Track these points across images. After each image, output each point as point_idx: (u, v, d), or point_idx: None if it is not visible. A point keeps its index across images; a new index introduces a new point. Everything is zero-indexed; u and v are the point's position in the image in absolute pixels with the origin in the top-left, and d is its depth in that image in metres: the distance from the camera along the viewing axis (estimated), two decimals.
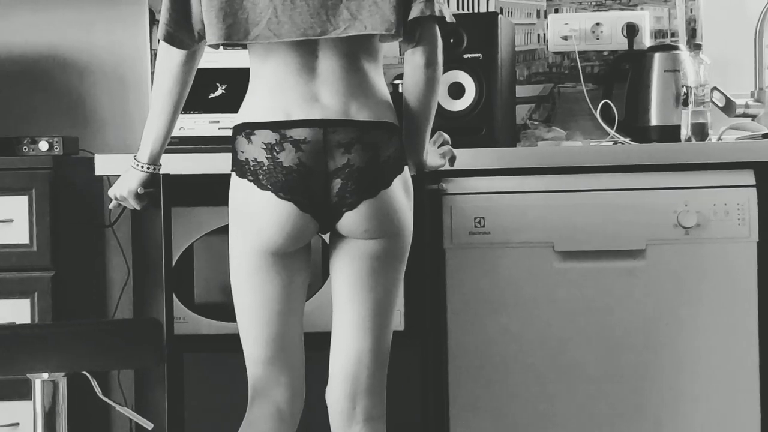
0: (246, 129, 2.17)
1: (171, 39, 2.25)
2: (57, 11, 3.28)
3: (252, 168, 2.14)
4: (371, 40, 2.20)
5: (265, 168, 2.13)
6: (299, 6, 2.14)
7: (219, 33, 2.18)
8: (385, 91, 2.22)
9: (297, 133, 2.12)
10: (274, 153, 2.13)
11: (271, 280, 2.19)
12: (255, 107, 2.19)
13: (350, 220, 2.15)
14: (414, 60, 2.22)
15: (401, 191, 2.19)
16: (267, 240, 2.15)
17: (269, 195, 2.13)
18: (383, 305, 2.20)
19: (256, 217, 2.15)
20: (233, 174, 2.19)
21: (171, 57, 2.30)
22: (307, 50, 2.17)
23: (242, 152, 2.16)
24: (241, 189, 2.17)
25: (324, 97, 2.16)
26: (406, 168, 2.21)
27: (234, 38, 2.18)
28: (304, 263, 2.24)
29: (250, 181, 2.15)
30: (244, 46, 2.22)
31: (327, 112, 2.14)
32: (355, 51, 2.18)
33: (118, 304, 3.21)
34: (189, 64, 2.32)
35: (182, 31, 2.25)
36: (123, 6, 3.29)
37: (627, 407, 2.67)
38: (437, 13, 2.20)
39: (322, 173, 2.13)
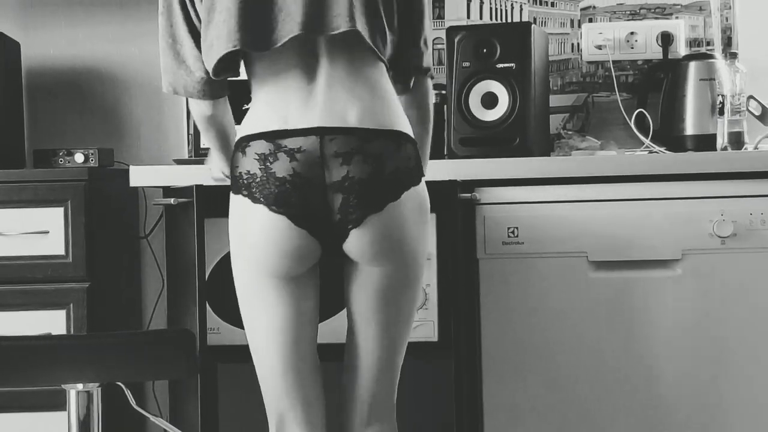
0: (242, 143, 2.04)
1: (175, 90, 2.14)
2: (93, 25, 3.30)
3: (246, 181, 2.01)
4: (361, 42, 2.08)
5: (258, 180, 2.00)
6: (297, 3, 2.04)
7: (238, 42, 2.04)
8: (394, 98, 2.10)
9: (292, 142, 1.99)
10: (268, 163, 2.00)
11: (275, 307, 2.06)
12: (252, 119, 2.07)
13: (357, 240, 2.01)
14: (406, 103, 2.16)
15: (414, 206, 2.04)
16: (264, 260, 2.02)
17: (261, 208, 2.00)
18: (395, 336, 2.11)
19: (250, 236, 2.02)
20: (231, 193, 2.08)
21: (198, 107, 2.18)
22: (307, 53, 2.04)
23: (236, 167, 2.04)
24: (236, 206, 2.05)
25: (324, 102, 2.02)
26: (423, 182, 2.08)
27: (258, 46, 2.05)
28: (312, 289, 2.10)
29: (245, 195, 2.02)
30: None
31: (325, 118, 2.00)
32: (359, 55, 2.06)
33: (152, 315, 3.23)
34: (217, 110, 2.18)
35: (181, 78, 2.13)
36: (157, 19, 3.30)
37: (663, 417, 2.64)
38: (426, 66, 2.17)
39: (320, 186, 1.99)
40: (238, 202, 2.05)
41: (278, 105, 2.03)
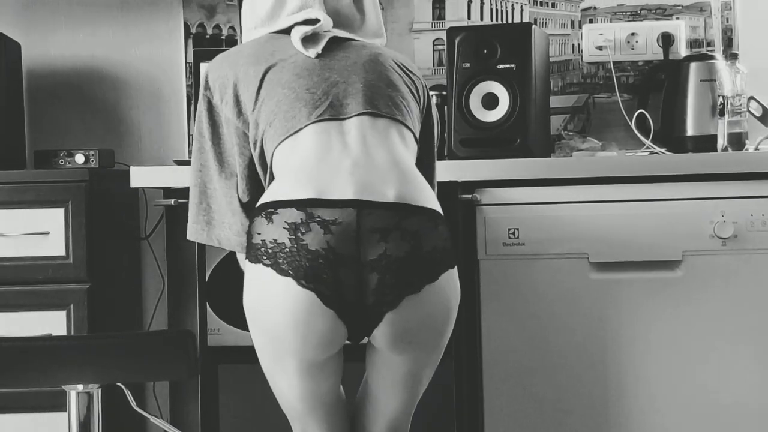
0: (267, 209, 1.88)
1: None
2: (93, 26, 3.30)
3: (270, 250, 1.85)
4: (404, 130, 2.05)
5: (287, 250, 1.84)
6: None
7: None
8: (422, 177, 2.00)
9: (327, 213, 1.83)
10: (299, 234, 1.83)
11: (298, 385, 1.97)
12: (278, 188, 1.92)
13: (390, 326, 1.88)
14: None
15: (450, 288, 1.93)
16: (287, 342, 1.88)
17: (289, 282, 1.84)
18: (417, 393, 2.08)
19: (272, 312, 1.88)
20: (246, 262, 1.92)
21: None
22: (339, 131, 1.99)
23: (258, 234, 1.88)
24: (255, 277, 1.90)
25: (360, 175, 1.89)
26: (455, 267, 1.96)
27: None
28: (336, 371, 2.00)
29: (267, 265, 1.86)
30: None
31: (362, 191, 1.87)
32: (388, 129, 2.01)
33: (153, 315, 3.23)
34: None
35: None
36: (159, 21, 3.31)
37: (664, 418, 2.64)
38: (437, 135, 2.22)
39: (355, 263, 1.84)
40: (257, 273, 1.89)
41: (310, 175, 1.91)
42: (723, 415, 2.63)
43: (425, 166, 2.17)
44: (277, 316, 1.87)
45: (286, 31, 2.14)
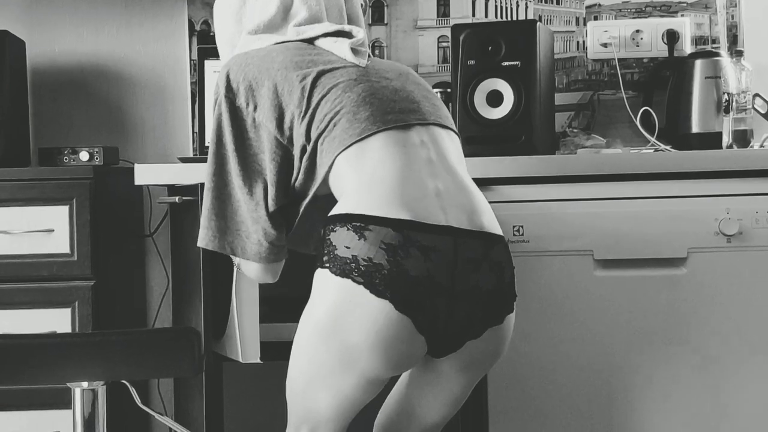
0: (354, 221, 1.81)
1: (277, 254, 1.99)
2: (98, 24, 3.31)
3: (363, 269, 1.79)
4: (458, 145, 2.05)
5: (385, 272, 1.78)
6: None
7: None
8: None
9: (426, 239, 1.79)
10: (398, 258, 1.78)
11: (346, 397, 1.91)
12: (363, 201, 1.84)
13: (469, 354, 1.89)
14: None
15: (514, 318, 1.95)
16: (360, 365, 1.84)
17: (386, 305, 1.79)
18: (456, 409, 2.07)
19: (354, 329, 1.82)
20: (325, 271, 1.85)
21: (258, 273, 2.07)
22: (411, 142, 1.94)
23: (347, 248, 1.80)
24: (341, 291, 1.82)
25: (447, 197, 1.87)
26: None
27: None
28: (385, 383, 1.96)
29: (359, 283, 1.79)
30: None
31: (456, 217, 1.84)
32: (452, 141, 2.01)
33: (157, 313, 3.23)
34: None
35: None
36: (163, 18, 3.31)
37: (668, 415, 2.64)
38: None
39: (447, 292, 1.81)
40: (343, 286, 1.82)
41: (398, 193, 1.85)
42: (729, 412, 2.63)
43: None
44: (362, 334, 1.82)
45: (309, 41, 2.09)
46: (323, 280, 1.85)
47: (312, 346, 1.89)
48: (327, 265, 1.84)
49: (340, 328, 1.84)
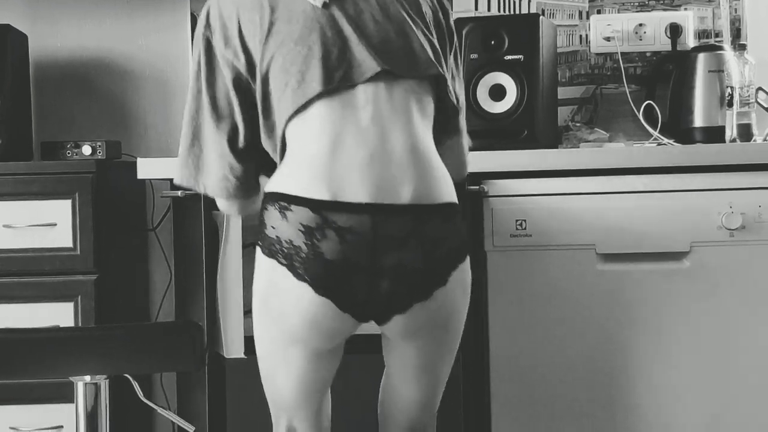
0: (280, 200, 1.85)
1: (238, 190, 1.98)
2: (100, 17, 3.30)
3: (285, 251, 1.84)
4: (423, 96, 1.96)
5: (303, 256, 1.82)
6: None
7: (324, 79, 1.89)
8: (439, 159, 1.93)
9: (341, 220, 1.80)
10: (315, 240, 1.81)
11: (298, 370, 1.97)
12: (292, 175, 1.87)
13: (397, 324, 1.90)
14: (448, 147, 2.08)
15: (459, 288, 1.92)
16: (296, 333, 1.90)
17: (305, 288, 1.84)
18: (435, 384, 2.06)
19: (285, 307, 1.88)
20: (259, 249, 1.91)
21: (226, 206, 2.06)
22: (352, 105, 1.90)
23: (273, 227, 1.86)
24: (269, 271, 1.89)
25: (376, 171, 1.84)
26: (467, 259, 1.93)
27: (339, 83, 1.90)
28: (338, 356, 2.01)
29: (282, 264, 1.85)
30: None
31: (377, 192, 1.82)
32: (406, 100, 1.92)
33: (160, 307, 3.23)
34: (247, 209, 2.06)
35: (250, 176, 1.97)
36: (165, 11, 3.30)
37: (671, 409, 2.64)
38: (462, 126, 2.09)
39: (368, 270, 1.83)
40: (270, 267, 1.88)
41: (324, 170, 1.85)
42: (732, 404, 2.63)
43: (451, 128, 2.06)
44: (292, 314, 1.88)
45: None
46: (257, 258, 1.91)
47: (259, 324, 1.98)
48: (259, 243, 1.89)
49: (273, 307, 1.90)
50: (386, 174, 1.85)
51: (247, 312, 2.64)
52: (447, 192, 1.91)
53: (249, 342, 2.46)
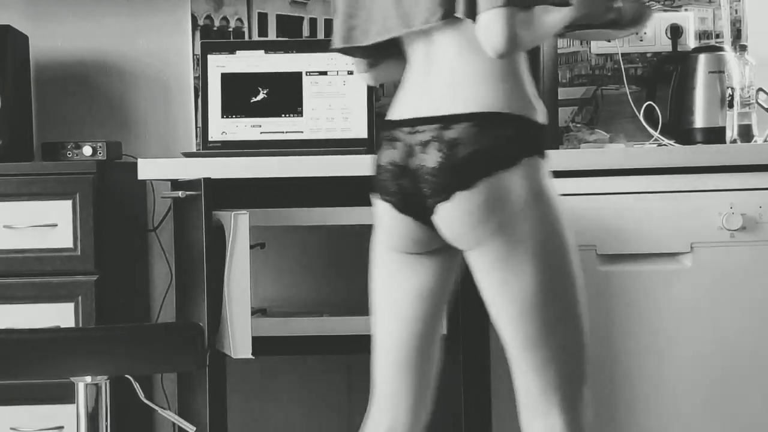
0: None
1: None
2: (101, 18, 3.30)
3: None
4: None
5: (375, 169, 2.08)
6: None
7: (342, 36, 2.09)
8: (501, 77, 1.98)
9: (391, 134, 2.03)
10: (377, 152, 2.07)
11: (397, 280, 2.07)
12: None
13: (441, 221, 1.98)
14: None
15: (495, 195, 1.93)
16: (383, 237, 2.07)
17: (376, 197, 2.07)
18: (529, 329, 1.96)
19: (376, 216, 2.09)
20: None
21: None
22: (424, 43, 2.02)
23: None
24: None
25: (426, 92, 2.01)
26: (515, 168, 1.94)
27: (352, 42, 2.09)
28: (434, 270, 2.07)
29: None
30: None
31: (414, 111, 2.01)
32: (463, 39, 1.99)
33: (161, 307, 3.23)
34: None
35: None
36: (166, 12, 3.30)
37: (672, 409, 2.64)
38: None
39: (411, 173, 1.99)
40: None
41: (399, 94, 2.07)
42: (733, 405, 2.63)
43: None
44: (377, 220, 2.08)
45: None
46: None
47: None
48: None
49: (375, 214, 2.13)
50: (436, 86, 2.00)
51: (255, 312, 2.65)
52: (486, 104, 1.96)
53: (257, 342, 2.47)
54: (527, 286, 1.96)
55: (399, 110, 2.05)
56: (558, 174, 2.65)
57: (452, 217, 1.96)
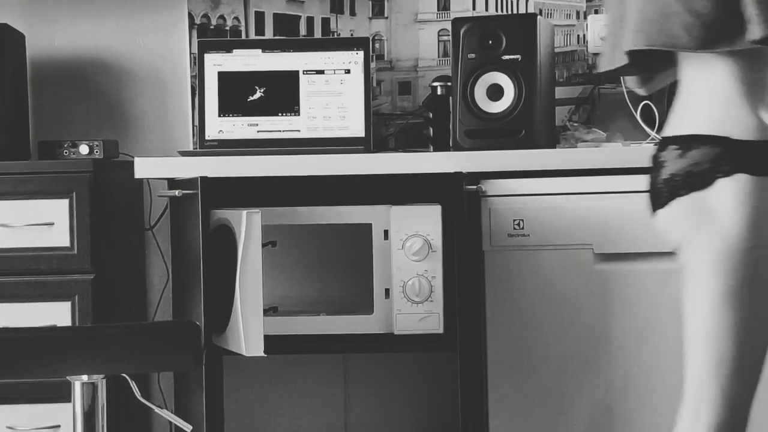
0: None
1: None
2: (97, 17, 3.30)
3: None
4: None
5: None
6: None
7: None
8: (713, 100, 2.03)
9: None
10: None
11: None
12: None
13: None
14: None
15: (683, 214, 2.02)
16: None
17: None
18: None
19: None
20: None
21: None
22: None
23: None
24: None
25: None
26: (715, 185, 1.93)
27: None
28: None
29: None
30: None
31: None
32: None
33: (157, 306, 3.23)
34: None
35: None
36: (163, 11, 3.30)
37: (670, 408, 2.64)
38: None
39: None
40: None
41: None
42: None
43: None
44: None
45: None
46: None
47: None
48: None
49: None
50: None
51: (267, 311, 2.65)
52: (686, 123, 2.06)
53: (268, 341, 2.47)
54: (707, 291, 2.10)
55: None
56: (555, 173, 2.67)
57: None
